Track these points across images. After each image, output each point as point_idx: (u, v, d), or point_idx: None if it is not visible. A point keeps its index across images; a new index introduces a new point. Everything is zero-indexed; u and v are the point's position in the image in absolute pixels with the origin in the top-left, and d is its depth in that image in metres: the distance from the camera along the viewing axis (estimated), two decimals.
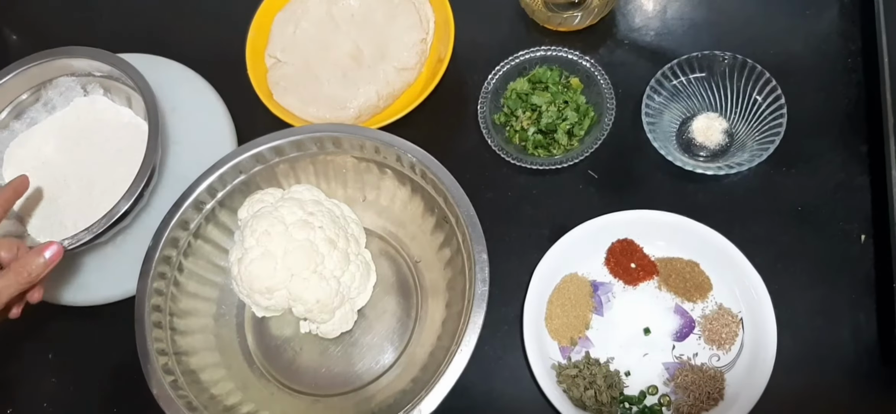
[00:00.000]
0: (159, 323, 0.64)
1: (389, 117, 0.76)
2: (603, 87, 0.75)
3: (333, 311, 0.63)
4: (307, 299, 0.60)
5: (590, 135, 0.75)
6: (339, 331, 0.66)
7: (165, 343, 0.64)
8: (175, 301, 0.67)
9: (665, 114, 0.75)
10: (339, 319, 0.65)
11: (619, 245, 0.70)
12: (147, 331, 0.62)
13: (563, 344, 0.68)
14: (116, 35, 0.90)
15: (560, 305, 0.68)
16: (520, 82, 0.78)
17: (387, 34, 0.82)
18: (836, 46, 0.76)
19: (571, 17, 0.79)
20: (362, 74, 0.80)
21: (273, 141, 0.69)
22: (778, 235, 0.70)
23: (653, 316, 0.68)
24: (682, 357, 0.66)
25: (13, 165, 0.77)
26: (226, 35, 0.85)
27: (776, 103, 0.70)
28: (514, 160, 0.74)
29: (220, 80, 0.83)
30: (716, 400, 0.63)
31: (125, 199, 0.68)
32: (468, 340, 0.59)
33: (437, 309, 0.68)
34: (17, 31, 0.96)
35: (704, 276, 0.68)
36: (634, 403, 0.65)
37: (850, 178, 0.71)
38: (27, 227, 0.75)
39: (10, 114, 0.77)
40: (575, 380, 0.65)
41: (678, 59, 0.74)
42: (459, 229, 0.64)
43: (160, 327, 0.64)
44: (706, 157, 0.73)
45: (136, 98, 0.75)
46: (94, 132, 0.78)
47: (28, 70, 0.75)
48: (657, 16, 0.81)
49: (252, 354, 0.71)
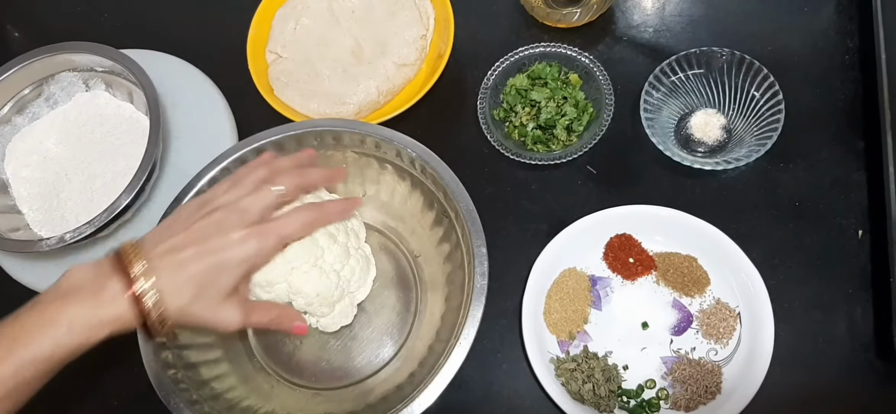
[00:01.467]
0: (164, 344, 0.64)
1: (389, 113, 0.76)
2: (602, 83, 0.75)
3: (333, 304, 0.63)
4: (307, 293, 0.60)
5: (588, 130, 0.75)
6: (339, 325, 0.67)
7: (165, 338, 0.64)
8: None
9: (663, 110, 0.75)
10: (339, 313, 0.65)
11: (617, 240, 0.70)
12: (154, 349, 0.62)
13: (561, 338, 0.68)
14: (118, 30, 0.91)
15: (559, 299, 0.69)
16: (519, 78, 0.78)
17: (387, 30, 0.82)
18: (834, 43, 0.77)
19: (570, 13, 0.79)
20: (362, 70, 0.80)
21: (273, 135, 0.69)
22: (775, 230, 0.70)
23: (651, 310, 0.68)
24: (679, 351, 0.67)
25: (15, 159, 0.77)
26: (227, 31, 0.86)
27: (774, 99, 0.71)
28: (514, 155, 0.74)
29: (222, 75, 0.83)
30: (713, 394, 0.64)
31: (126, 194, 0.68)
32: (467, 334, 0.59)
33: (436, 303, 0.69)
34: (19, 27, 0.96)
35: (702, 270, 0.69)
36: (632, 396, 0.65)
37: (846, 173, 0.71)
38: (28, 220, 0.75)
39: (12, 108, 0.77)
40: (573, 373, 0.65)
41: (676, 56, 0.74)
42: (459, 224, 0.65)
43: (166, 350, 0.64)
44: (704, 153, 0.74)
45: (137, 93, 0.76)
46: (95, 127, 0.78)
47: (30, 65, 0.76)
48: (656, 12, 0.82)
49: (252, 348, 0.71)
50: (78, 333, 0.48)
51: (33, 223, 0.75)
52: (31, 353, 0.47)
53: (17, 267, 0.77)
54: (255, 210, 0.53)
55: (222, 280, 0.51)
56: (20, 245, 0.70)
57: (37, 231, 0.74)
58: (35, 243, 0.69)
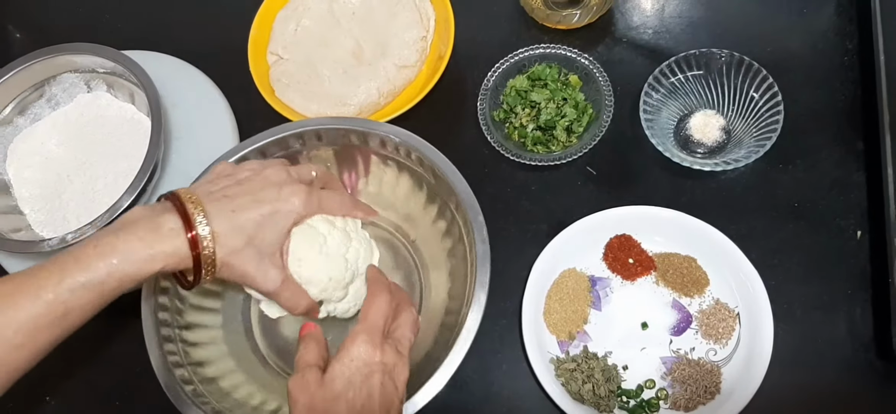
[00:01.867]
0: (169, 338, 0.64)
1: (390, 114, 0.76)
2: (601, 84, 0.76)
3: (346, 286, 0.62)
4: (320, 280, 0.59)
5: (588, 131, 0.76)
6: (355, 307, 0.65)
7: (179, 356, 0.64)
8: (181, 314, 0.67)
9: (663, 111, 0.76)
10: (353, 295, 0.64)
11: (617, 240, 0.70)
12: (159, 346, 0.63)
13: (561, 338, 0.68)
14: (120, 32, 0.91)
15: (558, 299, 0.69)
16: (519, 79, 0.78)
17: (388, 31, 0.83)
18: (833, 44, 0.77)
19: (570, 15, 0.80)
20: (363, 71, 0.80)
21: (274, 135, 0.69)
22: (774, 230, 0.70)
23: (650, 311, 0.69)
24: (679, 351, 0.67)
25: (17, 160, 0.77)
26: (228, 32, 0.86)
27: (773, 100, 0.71)
28: (513, 156, 0.75)
29: (223, 76, 0.83)
30: (712, 394, 0.64)
31: (128, 194, 0.68)
32: (478, 298, 0.60)
33: (440, 281, 0.69)
34: (21, 28, 0.96)
35: (701, 271, 0.69)
36: (632, 396, 0.65)
37: (846, 174, 0.71)
38: (30, 221, 0.75)
39: (13, 109, 0.77)
40: (573, 374, 0.65)
41: (676, 57, 0.74)
42: (452, 199, 0.65)
43: (171, 342, 0.64)
44: (703, 154, 0.74)
45: (139, 94, 0.76)
46: (97, 128, 0.78)
47: (32, 66, 0.76)
48: (655, 14, 0.82)
49: (265, 356, 0.71)
50: (132, 263, 0.49)
51: (35, 224, 0.75)
52: (85, 277, 0.48)
53: (18, 268, 0.76)
54: (297, 174, 0.58)
55: (272, 232, 0.54)
56: (22, 246, 0.70)
57: (38, 232, 0.75)
58: (37, 244, 0.69)
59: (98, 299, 0.49)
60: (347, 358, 0.51)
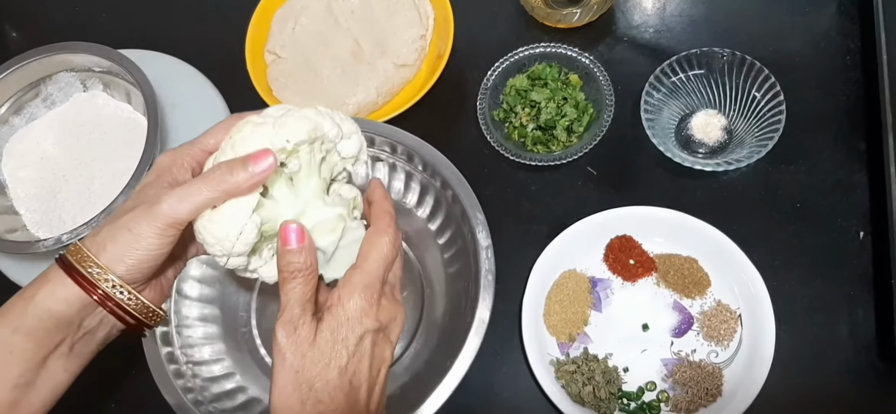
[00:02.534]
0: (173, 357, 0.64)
1: (389, 113, 0.76)
2: (602, 83, 0.75)
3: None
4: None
5: (589, 131, 0.75)
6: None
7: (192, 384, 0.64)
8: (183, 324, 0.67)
9: (664, 110, 0.75)
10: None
11: (617, 241, 0.70)
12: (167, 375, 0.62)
13: (561, 340, 0.68)
14: (116, 31, 0.90)
15: (559, 301, 0.68)
16: (519, 79, 0.78)
17: (386, 30, 0.82)
18: (835, 44, 0.76)
19: (571, 13, 0.79)
20: (362, 71, 0.80)
21: None
22: (776, 231, 0.70)
23: (651, 312, 0.68)
24: (680, 353, 0.66)
25: (13, 160, 0.77)
26: (225, 31, 0.85)
27: (775, 100, 0.70)
28: (513, 156, 0.74)
29: (220, 76, 0.83)
30: (714, 396, 0.64)
31: (124, 195, 0.68)
32: (482, 307, 0.59)
33: (440, 286, 0.69)
34: (16, 27, 0.96)
35: (703, 272, 0.68)
36: (633, 398, 0.65)
37: (848, 175, 0.71)
38: (26, 221, 0.75)
39: (9, 109, 0.77)
40: (573, 376, 0.65)
41: (677, 56, 0.74)
42: (455, 201, 0.65)
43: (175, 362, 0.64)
44: (705, 154, 0.74)
45: (135, 94, 0.76)
46: (93, 127, 0.78)
47: (28, 65, 0.75)
48: (656, 13, 0.81)
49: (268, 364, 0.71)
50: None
51: (31, 224, 0.75)
52: None
53: (14, 268, 0.76)
54: None
55: None
56: (17, 246, 0.70)
57: (34, 232, 0.74)
58: (32, 244, 0.68)
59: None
60: (343, 315, 0.46)
